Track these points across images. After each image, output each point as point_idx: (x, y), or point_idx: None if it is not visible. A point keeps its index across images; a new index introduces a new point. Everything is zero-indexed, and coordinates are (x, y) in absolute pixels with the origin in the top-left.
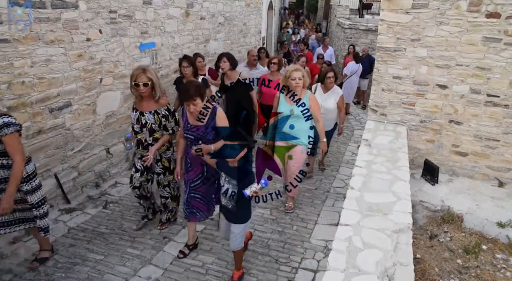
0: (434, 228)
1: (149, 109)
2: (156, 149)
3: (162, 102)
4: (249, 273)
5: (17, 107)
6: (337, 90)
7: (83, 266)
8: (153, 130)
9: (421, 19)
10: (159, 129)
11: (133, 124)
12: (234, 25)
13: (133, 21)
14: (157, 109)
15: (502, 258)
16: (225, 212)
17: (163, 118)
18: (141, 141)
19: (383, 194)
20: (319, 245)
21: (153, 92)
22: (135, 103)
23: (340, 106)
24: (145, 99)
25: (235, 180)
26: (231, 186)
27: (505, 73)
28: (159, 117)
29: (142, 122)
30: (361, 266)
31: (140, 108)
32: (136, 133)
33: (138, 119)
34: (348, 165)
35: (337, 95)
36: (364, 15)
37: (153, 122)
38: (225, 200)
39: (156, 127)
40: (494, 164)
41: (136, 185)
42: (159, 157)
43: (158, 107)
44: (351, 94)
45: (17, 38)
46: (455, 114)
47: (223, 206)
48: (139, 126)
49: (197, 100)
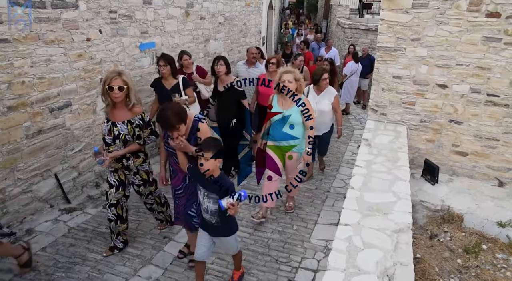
0: (434, 227)
1: (122, 119)
2: (118, 154)
3: (136, 110)
4: (249, 273)
5: (17, 107)
6: (331, 90)
7: (84, 266)
8: (127, 142)
9: (421, 19)
10: (133, 140)
11: (104, 135)
12: (234, 25)
13: (133, 21)
14: (131, 119)
15: (502, 257)
16: (208, 228)
17: (137, 128)
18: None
19: (383, 194)
20: (319, 244)
21: (127, 99)
22: (106, 113)
23: (335, 107)
24: (117, 107)
25: (214, 194)
26: (212, 201)
27: (505, 72)
28: (133, 127)
29: (115, 133)
30: (361, 266)
31: (112, 118)
32: (108, 145)
33: (110, 130)
34: (348, 164)
35: (331, 95)
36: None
37: (126, 133)
38: (207, 215)
39: (130, 138)
40: (494, 163)
41: (113, 202)
42: (135, 170)
43: (132, 117)
44: (351, 93)
45: (17, 38)
46: (455, 113)
47: (205, 222)
48: (111, 138)
49: (181, 127)
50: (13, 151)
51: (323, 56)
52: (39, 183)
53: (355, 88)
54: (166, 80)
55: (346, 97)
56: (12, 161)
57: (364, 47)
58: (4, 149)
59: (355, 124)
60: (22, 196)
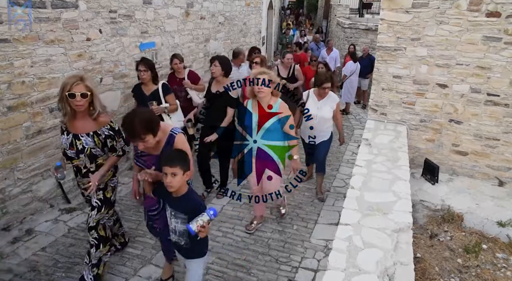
0: (434, 227)
1: (85, 130)
2: (102, 174)
3: (103, 120)
4: (249, 272)
5: (17, 107)
6: (333, 96)
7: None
8: (94, 156)
9: (421, 19)
10: (103, 153)
11: (64, 149)
12: (234, 24)
13: (133, 20)
14: (97, 130)
15: (502, 257)
16: (178, 249)
17: (108, 139)
18: (78, 167)
19: (383, 194)
20: (320, 244)
21: (91, 108)
22: (65, 124)
23: (336, 114)
24: (79, 117)
25: (182, 214)
26: (180, 221)
27: (505, 72)
28: (100, 139)
29: (78, 147)
30: (362, 266)
31: (73, 129)
32: (71, 159)
33: (72, 144)
34: (348, 164)
35: (333, 102)
36: (364, 15)
37: (92, 146)
38: (175, 236)
39: (99, 151)
40: (494, 163)
41: (91, 224)
42: (103, 185)
43: (98, 127)
44: (351, 93)
45: (17, 38)
46: (455, 113)
47: (174, 243)
48: (74, 152)
49: (147, 137)
50: (13, 151)
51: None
52: (39, 183)
53: (355, 87)
54: (146, 86)
55: (346, 96)
56: (12, 161)
57: (364, 47)
58: (4, 149)
59: (355, 123)
60: (22, 196)
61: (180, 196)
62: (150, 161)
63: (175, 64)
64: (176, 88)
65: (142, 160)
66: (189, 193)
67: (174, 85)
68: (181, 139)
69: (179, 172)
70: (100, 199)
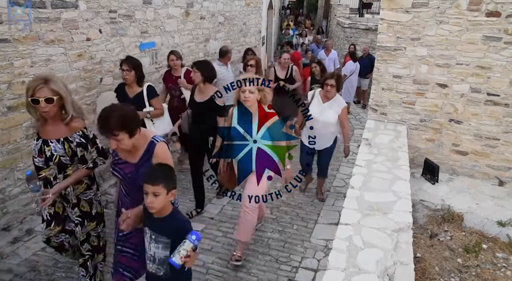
0: (434, 227)
1: (56, 136)
2: (62, 187)
3: (76, 125)
4: (249, 272)
5: (17, 107)
6: (340, 100)
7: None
8: (63, 165)
9: (421, 18)
10: (71, 162)
11: (33, 156)
12: (234, 24)
13: (133, 20)
14: (68, 136)
15: (502, 257)
16: None
17: (79, 148)
18: (47, 179)
19: (383, 193)
20: (320, 244)
21: (63, 112)
22: (36, 129)
23: (343, 121)
24: (50, 121)
25: (164, 237)
26: (161, 246)
27: (505, 72)
28: (71, 146)
29: (47, 154)
30: (362, 265)
31: (43, 134)
32: (39, 169)
33: (41, 150)
34: (348, 164)
35: (339, 106)
36: (364, 14)
37: (62, 154)
38: (154, 265)
39: (68, 160)
40: (494, 163)
41: (81, 239)
42: (75, 200)
43: (69, 133)
44: (351, 92)
45: (17, 38)
46: (455, 113)
47: (150, 274)
48: (42, 160)
49: (120, 135)
50: (13, 151)
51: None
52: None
53: (355, 87)
54: (130, 87)
55: (346, 96)
56: (12, 161)
57: (364, 47)
58: (4, 149)
59: (355, 123)
60: (22, 196)
61: (163, 217)
62: (126, 170)
63: (172, 61)
64: (171, 87)
65: (118, 168)
66: (174, 213)
67: (170, 83)
68: (163, 148)
69: (162, 191)
70: (78, 215)
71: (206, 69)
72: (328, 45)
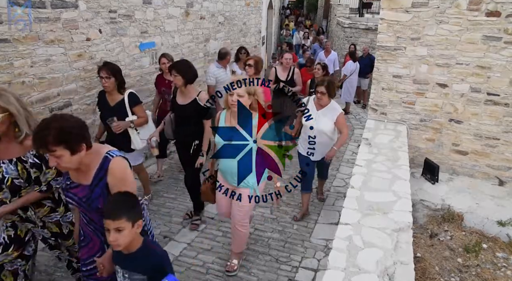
0: (434, 227)
1: (8, 156)
2: (7, 210)
3: (30, 144)
4: (249, 272)
5: None
6: (335, 106)
7: None
8: (16, 188)
9: (421, 18)
10: (28, 185)
11: None
12: (234, 24)
13: (133, 20)
14: (22, 156)
15: (502, 256)
16: None
17: (33, 168)
18: (4, 202)
19: (383, 193)
20: (320, 244)
21: (15, 130)
22: None
23: (340, 128)
24: (2, 140)
25: (139, 274)
26: None
27: (505, 71)
28: (25, 167)
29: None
30: (362, 265)
31: None
32: None
33: None
34: (348, 164)
35: (334, 114)
36: (364, 14)
37: (14, 176)
38: None
39: (22, 182)
40: (494, 163)
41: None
42: (41, 223)
43: (23, 153)
44: (351, 92)
45: (17, 38)
46: (455, 113)
47: None
48: None
49: (58, 151)
50: None
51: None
52: None
53: (355, 86)
54: (110, 95)
55: (346, 96)
56: None
57: (364, 47)
58: None
59: (355, 123)
60: None
61: (133, 251)
62: (81, 194)
63: (163, 64)
64: (164, 91)
65: (71, 193)
66: (146, 246)
67: (162, 87)
68: (119, 164)
69: (126, 225)
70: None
71: (186, 70)
72: (327, 46)
